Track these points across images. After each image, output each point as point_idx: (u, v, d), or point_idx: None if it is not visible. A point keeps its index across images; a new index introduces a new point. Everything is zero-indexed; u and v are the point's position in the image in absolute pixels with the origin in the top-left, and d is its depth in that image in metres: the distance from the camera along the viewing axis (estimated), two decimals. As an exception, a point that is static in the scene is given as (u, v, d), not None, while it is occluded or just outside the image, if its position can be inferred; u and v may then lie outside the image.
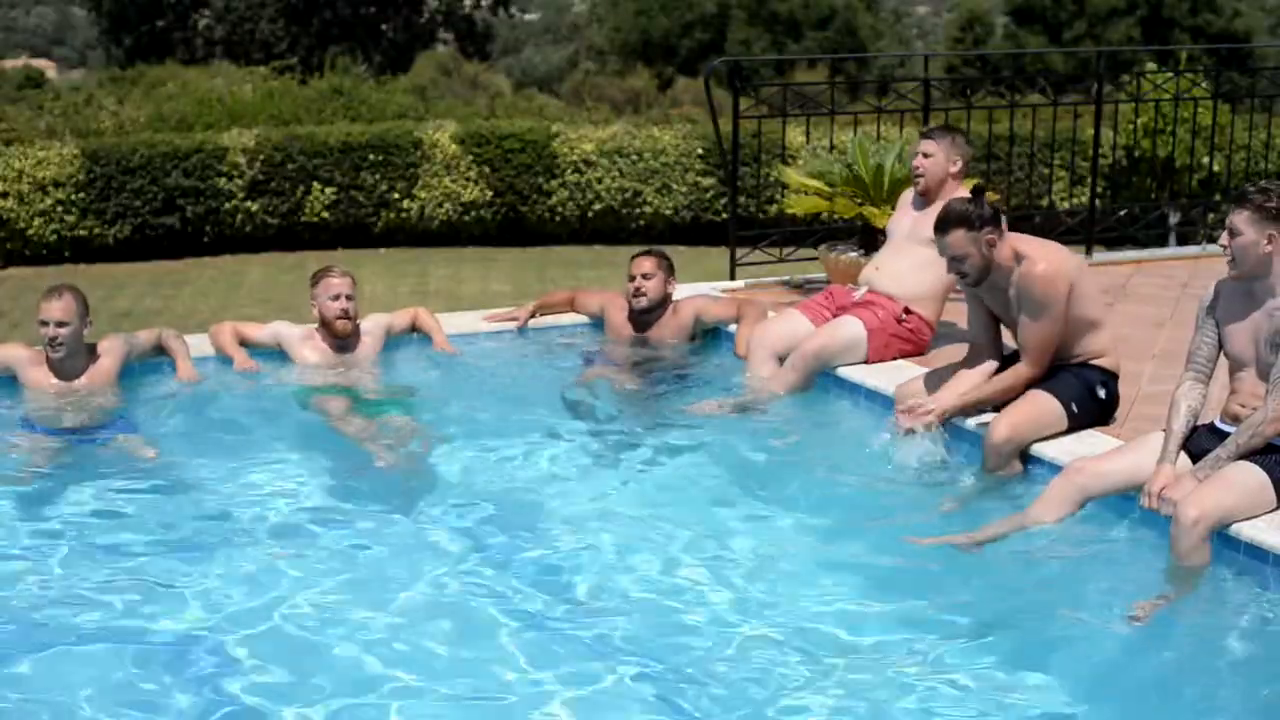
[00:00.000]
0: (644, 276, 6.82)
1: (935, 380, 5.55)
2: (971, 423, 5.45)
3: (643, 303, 6.83)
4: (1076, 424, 5.32)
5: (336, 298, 6.40)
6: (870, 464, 5.44)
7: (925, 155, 6.43)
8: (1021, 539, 4.72)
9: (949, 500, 5.15)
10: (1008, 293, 5.27)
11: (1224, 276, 4.74)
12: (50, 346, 5.93)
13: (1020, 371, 5.29)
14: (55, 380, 6.00)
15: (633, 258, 6.94)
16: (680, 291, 7.23)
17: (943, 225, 5.24)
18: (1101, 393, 5.37)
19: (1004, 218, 5.27)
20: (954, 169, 6.44)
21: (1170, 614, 4.27)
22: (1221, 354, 4.78)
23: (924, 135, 6.57)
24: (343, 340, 6.49)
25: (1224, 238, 4.65)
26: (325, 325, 6.47)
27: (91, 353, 6.08)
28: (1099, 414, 5.39)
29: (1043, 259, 5.19)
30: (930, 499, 5.14)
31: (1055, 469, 4.99)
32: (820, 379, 6.32)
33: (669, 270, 6.89)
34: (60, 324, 5.90)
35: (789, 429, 5.96)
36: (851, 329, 6.33)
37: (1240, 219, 4.56)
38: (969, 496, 5.18)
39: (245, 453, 5.75)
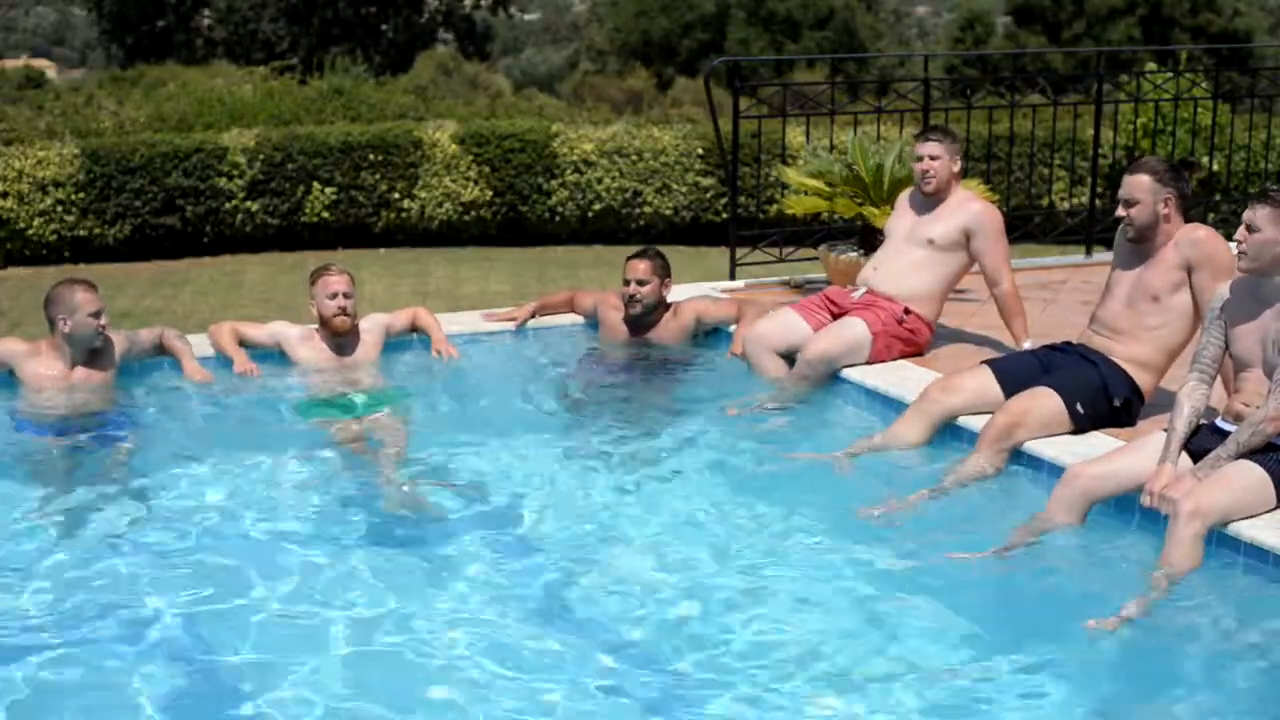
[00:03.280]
0: (638, 283, 6.78)
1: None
2: (974, 421, 5.46)
3: (637, 309, 6.81)
4: (1080, 425, 5.32)
5: (334, 296, 6.39)
6: (869, 463, 5.44)
7: (932, 158, 6.41)
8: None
9: (931, 490, 5.16)
10: (1162, 262, 5.29)
11: (1236, 277, 4.75)
12: (100, 337, 6.02)
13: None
14: (55, 370, 6.00)
15: (628, 259, 6.89)
16: (680, 292, 7.21)
17: (1136, 165, 5.37)
18: (1118, 401, 5.37)
19: (1188, 196, 5.32)
20: (957, 168, 6.47)
21: (1170, 614, 4.27)
22: (1227, 353, 4.78)
23: (925, 139, 6.49)
24: (342, 340, 6.48)
25: (1240, 233, 4.64)
26: (324, 324, 6.46)
27: None
28: (1109, 417, 5.39)
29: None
30: (929, 500, 5.13)
31: (1055, 470, 4.98)
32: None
33: (664, 273, 6.85)
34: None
35: (789, 429, 5.96)
36: (856, 331, 6.32)
37: (1261, 216, 4.57)
38: (955, 487, 5.19)
39: (242, 455, 5.74)
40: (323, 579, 4.62)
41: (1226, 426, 4.68)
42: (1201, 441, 4.66)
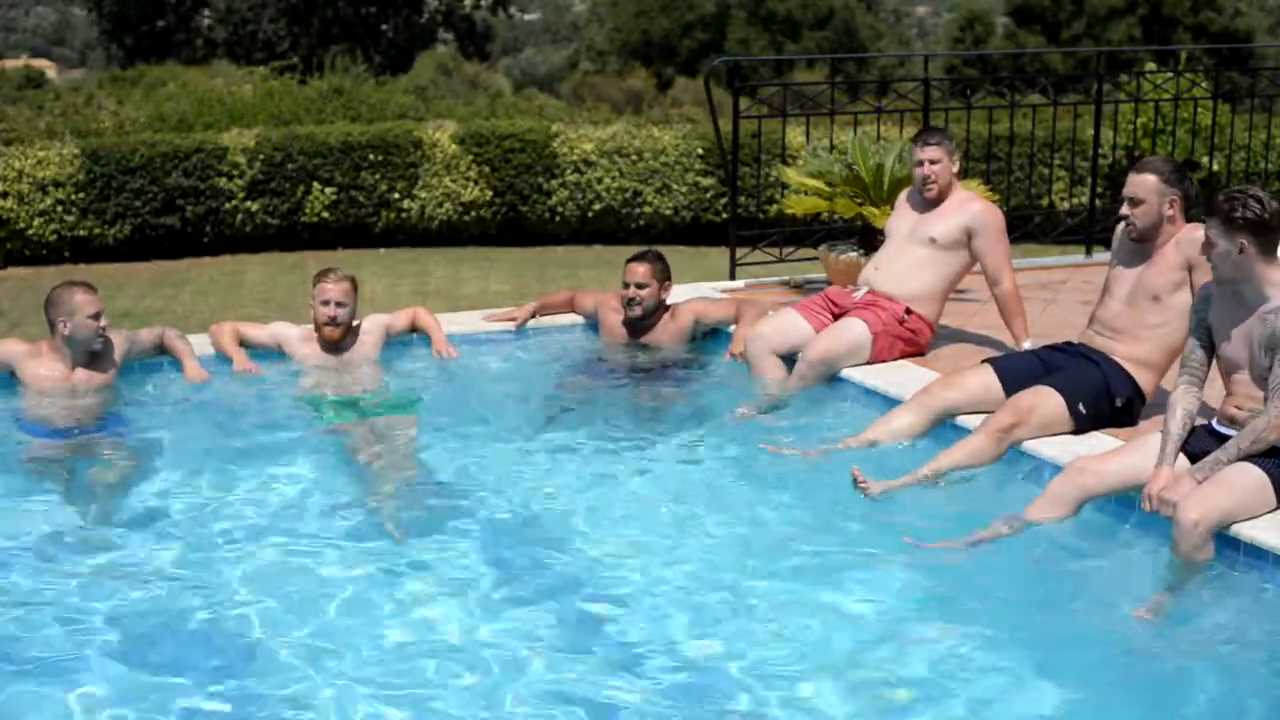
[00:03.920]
0: (638, 286, 6.77)
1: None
2: (974, 421, 5.46)
3: (637, 312, 6.81)
4: (1081, 425, 5.32)
5: (327, 303, 6.40)
6: (871, 467, 5.43)
7: (932, 163, 6.40)
8: (1024, 540, 4.73)
9: (925, 471, 5.19)
10: (1163, 260, 5.31)
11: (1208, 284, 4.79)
12: (100, 339, 6.03)
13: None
14: (56, 372, 6.00)
15: (627, 262, 6.86)
16: (679, 292, 7.21)
17: (1141, 165, 5.39)
18: (1119, 401, 5.38)
19: (1191, 197, 5.35)
20: (955, 168, 6.47)
21: (1170, 614, 4.27)
22: (1215, 357, 4.79)
23: (922, 143, 6.45)
24: (340, 341, 6.49)
25: (1203, 247, 4.69)
26: (316, 329, 6.48)
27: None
28: (1111, 417, 5.39)
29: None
30: (936, 500, 5.13)
31: (1055, 470, 4.98)
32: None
33: (664, 275, 6.83)
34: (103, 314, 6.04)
35: (786, 430, 5.96)
36: (856, 331, 6.32)
37: (1212, 230, 4.63)
38: (955, 487, 5.19)
39: (242, 455, 5.74)
40: (322, 579, 4.62)
41: (1223, 429, 4.68)
42: (1199, 443, 4.67)
